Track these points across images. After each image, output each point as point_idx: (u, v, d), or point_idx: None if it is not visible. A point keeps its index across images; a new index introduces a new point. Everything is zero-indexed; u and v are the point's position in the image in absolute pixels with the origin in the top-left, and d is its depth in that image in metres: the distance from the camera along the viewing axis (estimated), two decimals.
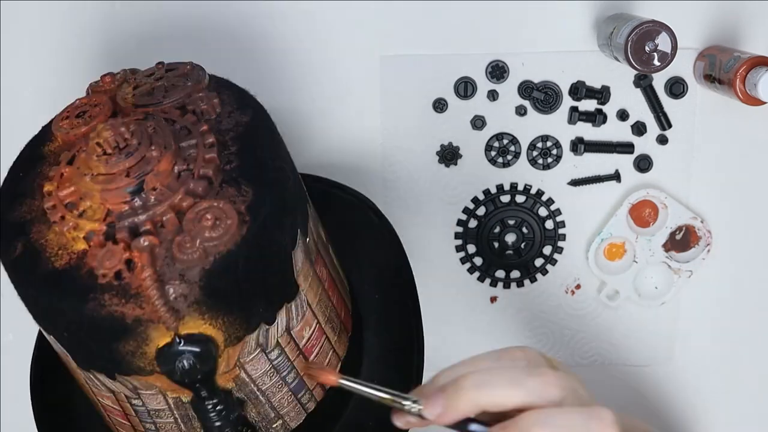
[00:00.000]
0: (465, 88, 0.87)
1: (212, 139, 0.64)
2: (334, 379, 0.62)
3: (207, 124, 0.65)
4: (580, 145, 0.88)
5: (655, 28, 0.76)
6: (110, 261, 0.60)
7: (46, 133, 0.69)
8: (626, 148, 0.89)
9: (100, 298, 0.61)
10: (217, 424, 0.63)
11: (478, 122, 0.88)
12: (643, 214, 0.89)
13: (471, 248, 0.91)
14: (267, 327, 0.64)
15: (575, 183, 0.89)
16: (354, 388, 0.60)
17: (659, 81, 0.87)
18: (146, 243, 0.61)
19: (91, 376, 0.66)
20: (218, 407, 0.63)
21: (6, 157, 0.87)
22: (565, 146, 0.89)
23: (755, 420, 0.96)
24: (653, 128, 0.89)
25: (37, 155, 0.68)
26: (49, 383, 0.76)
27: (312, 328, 0.68)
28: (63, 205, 0.63)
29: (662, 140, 0.89)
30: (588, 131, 0.88)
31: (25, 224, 0.65)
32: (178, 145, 0.64)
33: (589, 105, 0.88)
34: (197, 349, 0.61)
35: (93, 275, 0.61)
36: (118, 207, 0.62)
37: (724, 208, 0.90)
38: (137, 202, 0.62)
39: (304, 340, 0.67)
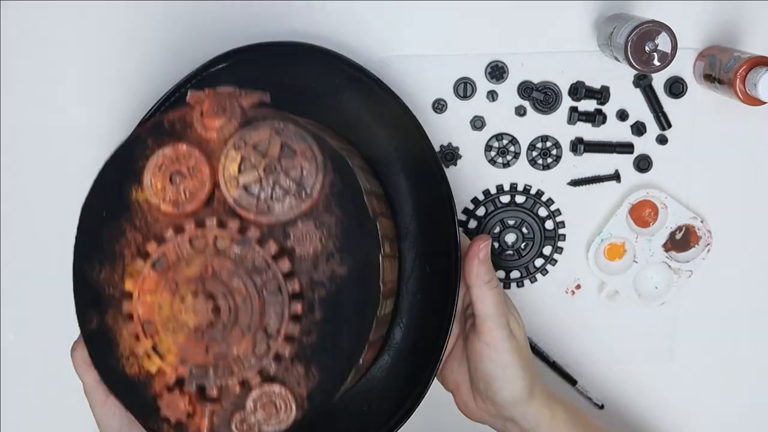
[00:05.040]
0: (464, 88, 0.87)
1: (299, 308, 0.65)
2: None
3: (299, 281, 0.65)
4: (579, 146, 0.88)
5: (655, 28, 0.76)
6: (175, 411, 0.65)
7: (131, 171, 0.66)
8: (626, 148, 0.89)
9: (159, 424, 0.66)
10: None
11: (477, 122, 0.88)
12: (643, 214, 0.89)
13: None
14: None
15: (575, 183, 0.89)
16: None
17: (659, 81, 0.87)
18: (210, 409, 0.65)
19: None
20: None
21: (6, 155, 0.88)
22: (565, 146, 0.89)
23: (755, 420, 0.95)
24: (653, 128, 0.89)
25: (124, 199, 0.67)
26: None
27: None
28: (140, 323, 0.66)
29: (662, 140, 0.89)
30: (588, 131, 0.88)
31: (101, 299, 0.67)
32: (263, 323, 0.65)
33: (588, 105, 0.88)
34: None
35: (156, 404, 0.66)
36: (192, 360, 0.65)
37: (724, 208, 0.90)
38: (211, 366, 0.65)
39: None
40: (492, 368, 0.76)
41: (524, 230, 0.90)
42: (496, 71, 0.87)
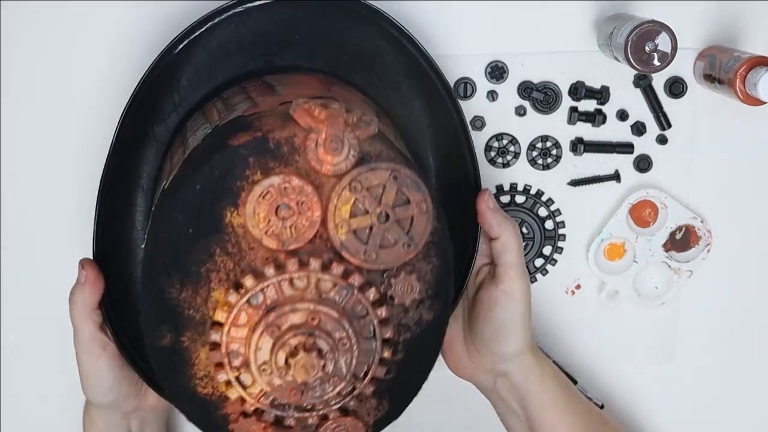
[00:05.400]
0: (465, 88, 0.87)
1: (389, 354, 0.64)
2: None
3: (392, 328, 0.64)
4: (579, 146, 0.88)
5: (655, 28, 0.76)
6: None
7: (228, 191, 0.61)
8: (626, 148, 0.89)
9: None
10: None
11: (477, 122, 0.88)
12: (643, 214, 0.89)
13: None
14: None
15: (575, 183, 0.89)
16: None
17: (659, 81, 0.87)
18: None
19: None
20: None
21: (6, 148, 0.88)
22: (565, 146, 0.88)
23: (755, 420, 0.95)
24: (653, 128, 0.88)
25: (217, 220, 0.61)
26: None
27: None
28: (227, 352, 0.62)
29: (662, 140, 0.89)
30: (588, 131, 0.88)
31: (179, 317, 0.63)
32: (353, 372, 0.63)
33: (588, 105, 0.88)
34: None
35: (226, 425, 0.64)
36: (283, 400, 0.63)
37: (724, 208, 0.90)
38: (292, 406, 0.63)
39: None
40: (507, 317, 0.76)
41: (524, 230, 0.90)
42: (496, 71, 0.87)
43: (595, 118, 0.88)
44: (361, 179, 0.61)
